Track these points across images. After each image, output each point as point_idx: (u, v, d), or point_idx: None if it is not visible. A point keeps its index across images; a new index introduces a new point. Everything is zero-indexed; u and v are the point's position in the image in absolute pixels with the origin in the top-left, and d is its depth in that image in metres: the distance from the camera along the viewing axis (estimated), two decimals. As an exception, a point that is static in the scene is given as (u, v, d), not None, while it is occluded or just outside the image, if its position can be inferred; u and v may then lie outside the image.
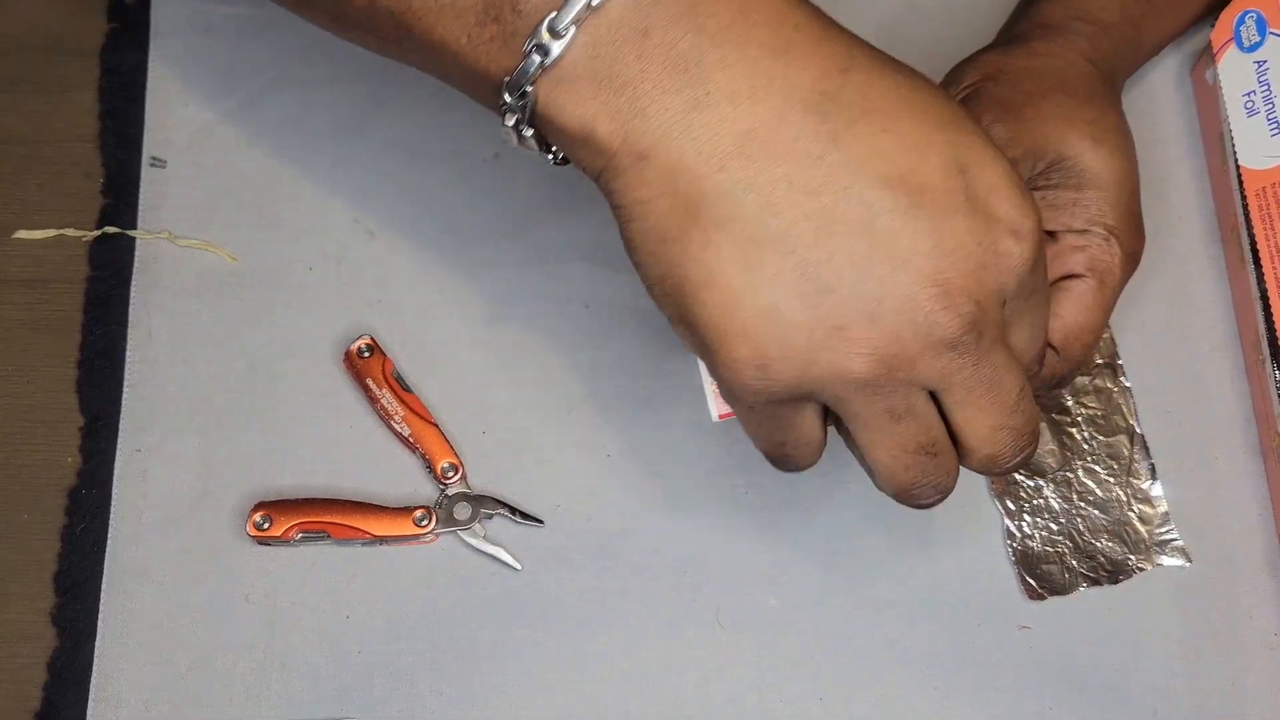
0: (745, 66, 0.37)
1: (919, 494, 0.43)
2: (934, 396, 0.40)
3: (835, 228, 0.37)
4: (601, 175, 0.40)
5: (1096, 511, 0.58)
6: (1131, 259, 0.52)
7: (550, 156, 0.43)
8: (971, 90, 0.53)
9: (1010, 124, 0.51)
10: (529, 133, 0.41)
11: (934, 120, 0.38)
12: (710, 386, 0.47)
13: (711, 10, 0.37)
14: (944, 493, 0.43)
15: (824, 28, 0.39)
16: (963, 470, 0.61)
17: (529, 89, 0.39)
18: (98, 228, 0.60)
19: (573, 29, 0.37)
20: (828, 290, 0.37)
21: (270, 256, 0.61)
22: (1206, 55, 0.63)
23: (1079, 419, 0.60)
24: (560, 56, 0.38)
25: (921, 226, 0.37)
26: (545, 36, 0.37)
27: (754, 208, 0.37)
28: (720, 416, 0.48)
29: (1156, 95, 0.65)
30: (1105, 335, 0.61)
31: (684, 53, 0.37)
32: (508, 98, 0.39)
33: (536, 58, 0.38)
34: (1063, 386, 0.55)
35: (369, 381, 0.58)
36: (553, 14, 0.37)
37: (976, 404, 0.40)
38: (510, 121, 0.40)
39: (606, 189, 0.40)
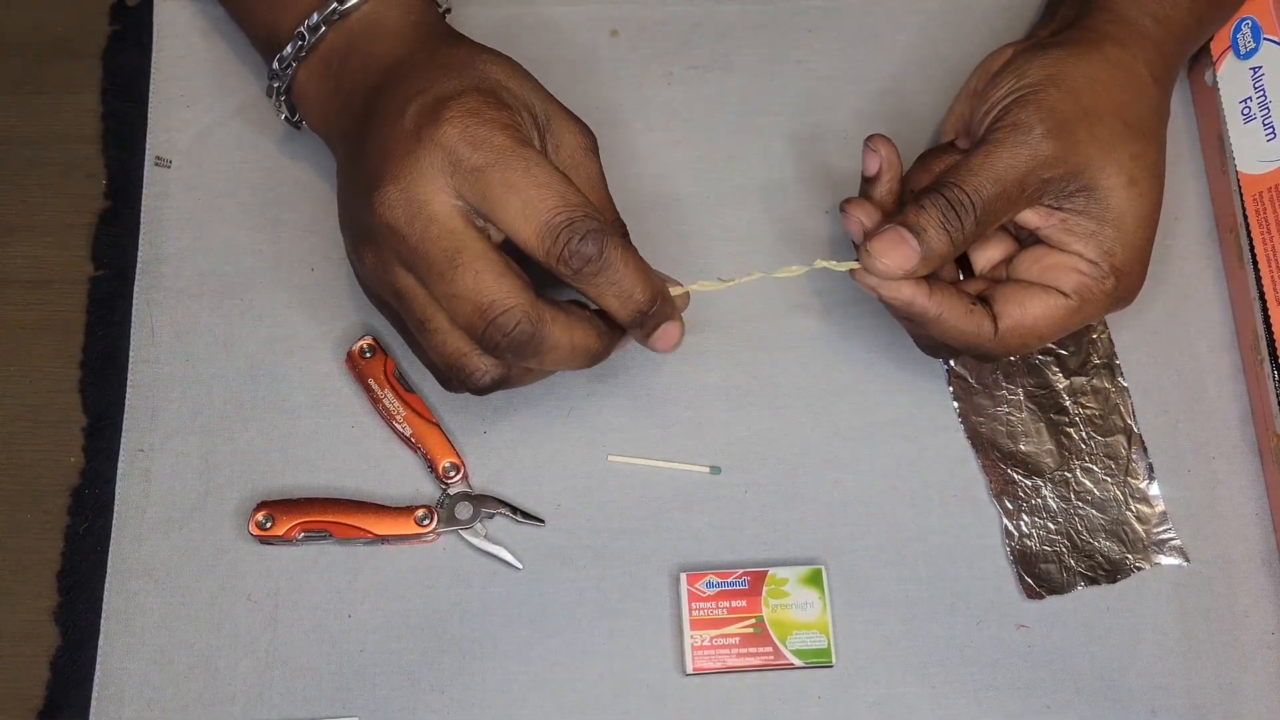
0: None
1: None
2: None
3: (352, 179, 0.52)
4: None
5: (1094, 511, 0.59)
6: (1122, 301, 0.54)
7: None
8: (1029, 90, 0.53)
9: (1061, 141, 0.52)
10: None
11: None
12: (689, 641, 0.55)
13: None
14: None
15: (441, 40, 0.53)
16: (960, 471, 0.61)
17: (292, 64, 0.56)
18: (99, 227, 0.61)
19: (323, 27, 0.54)
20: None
21: (271, 256, 0.61)
22: (1205, 57, 0.63)
23: (1077, 419, 0.60)
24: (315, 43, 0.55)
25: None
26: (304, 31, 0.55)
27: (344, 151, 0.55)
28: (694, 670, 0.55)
29: (1154, 98, 0.65)
30: (1104, 335, 0.61)
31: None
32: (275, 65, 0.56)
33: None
34: (989, 361, 0.57)
35: (371, 382, 0.58)
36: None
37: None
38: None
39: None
